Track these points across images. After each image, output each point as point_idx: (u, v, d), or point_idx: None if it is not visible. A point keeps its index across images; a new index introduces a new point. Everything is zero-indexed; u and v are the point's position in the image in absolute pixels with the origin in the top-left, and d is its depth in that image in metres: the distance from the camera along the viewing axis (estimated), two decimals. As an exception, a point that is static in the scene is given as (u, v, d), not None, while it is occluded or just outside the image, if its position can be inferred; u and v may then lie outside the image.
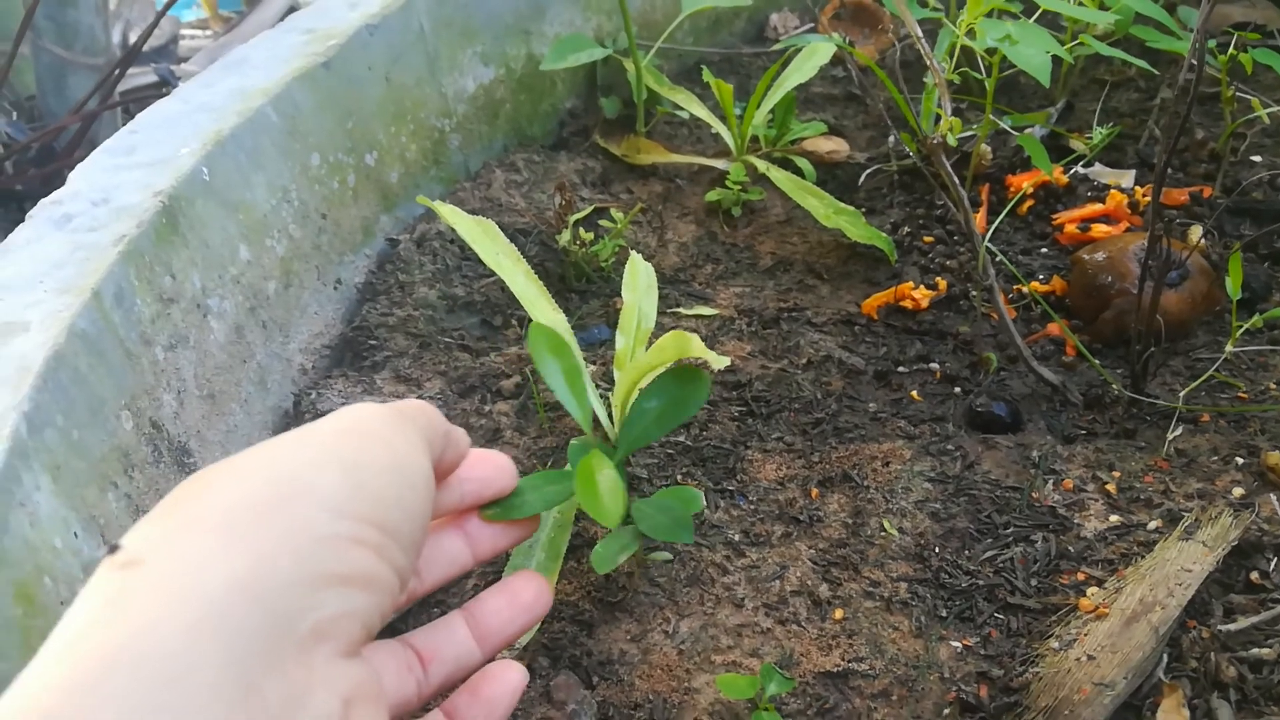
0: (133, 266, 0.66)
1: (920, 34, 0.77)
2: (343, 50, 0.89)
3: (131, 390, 0.63)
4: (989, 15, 0.84)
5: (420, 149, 1.00)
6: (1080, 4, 0.91)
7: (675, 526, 0.57)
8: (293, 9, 2.86)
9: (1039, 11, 0.86)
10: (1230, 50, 0.86)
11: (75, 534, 0.53)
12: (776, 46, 1.08)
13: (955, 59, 0.81)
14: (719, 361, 0.52)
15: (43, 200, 0.70)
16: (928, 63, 0.76)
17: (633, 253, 0.74)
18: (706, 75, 1.01)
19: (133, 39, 2.18)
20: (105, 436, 0.59)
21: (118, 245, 0.65)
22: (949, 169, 0.72)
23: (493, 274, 0.88)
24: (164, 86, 2.00)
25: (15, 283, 0.62)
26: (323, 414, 0.79)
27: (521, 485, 0.41)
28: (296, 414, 0.80)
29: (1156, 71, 0.90)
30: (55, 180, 0.73)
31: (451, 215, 0.80)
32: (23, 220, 0.68)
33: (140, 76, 1.95)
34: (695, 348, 0.50)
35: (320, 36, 0.90)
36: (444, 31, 1.00)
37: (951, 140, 0.75)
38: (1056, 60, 0.89)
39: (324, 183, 0.89)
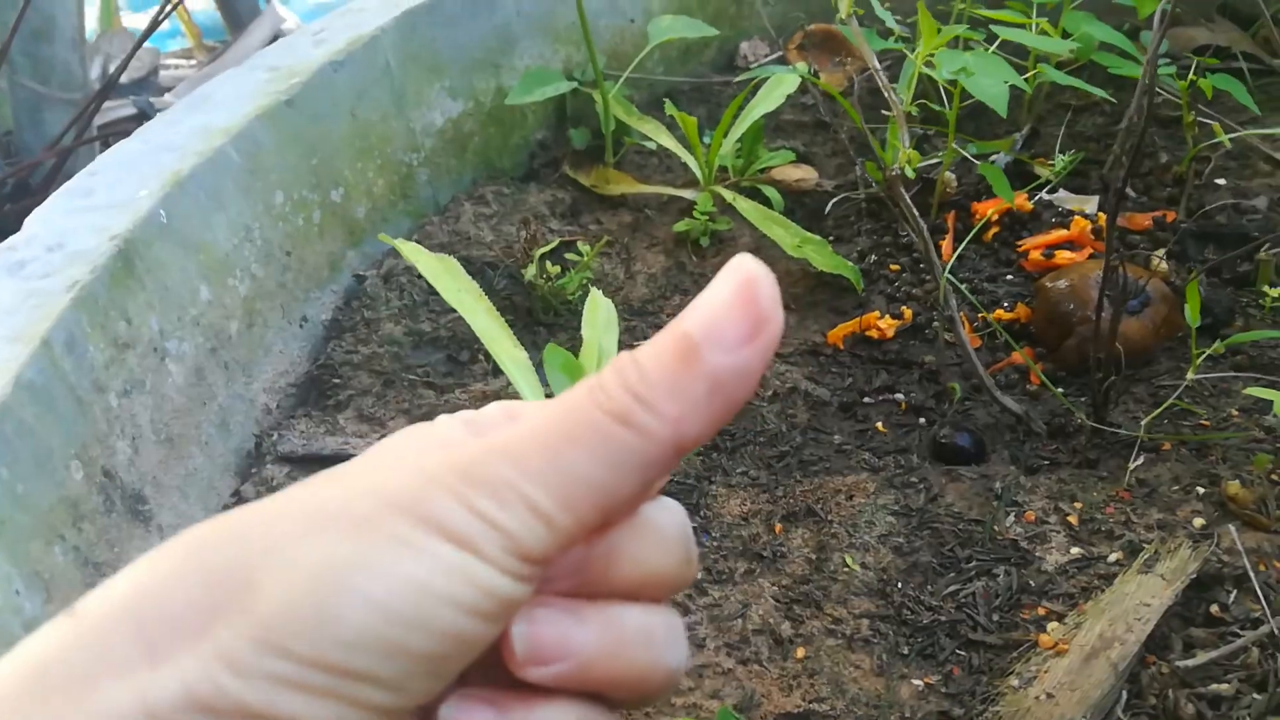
0: (85, 313, 0.65)
1: (878, 66, 0.77)
2: (306, 88, 0.89)
3: (82, 439, 0.62)
4: (952, 44, 0.84)
5: (388, 184, 1.00)
6: (1043, 32, 0.91)
7: None
8: (278, 38, 2.87)
9: (1000, 39, 0.86)
10: (1190, 76, 0.87)
11: (17, 591, 0.52)
12: (742, 77, 1.09)
13: (916, 89, 0.82)
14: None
15: (-3, 246, 0.69)
16: (886, 94, 0.76)
17: (592, 289, 0.74)
18: (669, 108, 1.01)
19: (112, 70, 2.18)
20: (52, 488, 0.58)
21: (70, 291, 0.65)
22: (908, 200, 0.72)
23: (457, 310, 0.88)
24: (143, 118, 2.01)
25: (-35, 332, 0.61)
26: (283, 457, 0.79)
27: None
28: (258, 455, 0.79)
29: (1114, 101, 0.90)
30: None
31: (413, 253, 0.80)
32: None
33: (120, 109, 1.96)
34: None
35: (284, 74, 0.90)
36: (410, 67, 1.00)
37: (909, 172, 0.75)
38: (1019, 88, 0.89)
39: (288, 220, 0.89)
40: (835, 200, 1.00)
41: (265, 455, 0.77)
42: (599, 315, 0.72)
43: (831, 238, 0.98)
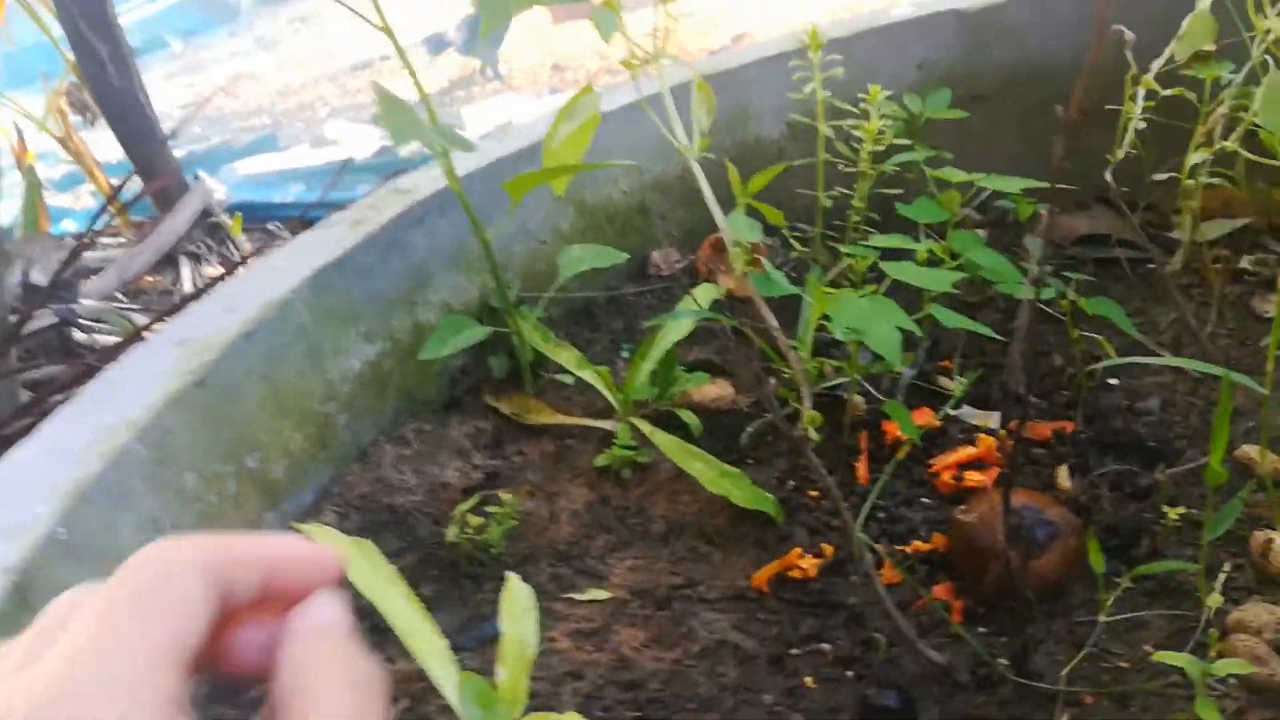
0: (-24, 669, 0.63)
1: (775, 325, 0.80)
2: (218, 364, 0.89)
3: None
4: (849, 283, 0.88)
5: (305, 437, 0.99)
6: (931, 253, 0.96)
7: None
8: (206, 214, 2.88)
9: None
10: (1069, 297, 0.92)
11: None
12: (648, 325, 1.12)
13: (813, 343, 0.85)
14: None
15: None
16: (784, 353, 0.78)
17: (508, 577, 0.74)
18: (581, 365, 1.03)
19: (34, 276, 2.17)
20: None
21: (-39, 644, 0.63)
22: (816, 462, 0.74)
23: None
24: (65, 326, 1.99)
25: None
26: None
27: None
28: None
29: (1002, 338, 0.95)
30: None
31: (328, 541, 0.79)
32: None
33: (41, 319, 1.94)
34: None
35: (195, 350, 0.90)
36: (326, 321, 1.01)
37: (813, 435, 0.78)
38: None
39: (201, 499, 0.87)
40: (752, 428, 1.02)
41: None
42: (517, 605, 0.72)
43: (750, 460, 1.00)
